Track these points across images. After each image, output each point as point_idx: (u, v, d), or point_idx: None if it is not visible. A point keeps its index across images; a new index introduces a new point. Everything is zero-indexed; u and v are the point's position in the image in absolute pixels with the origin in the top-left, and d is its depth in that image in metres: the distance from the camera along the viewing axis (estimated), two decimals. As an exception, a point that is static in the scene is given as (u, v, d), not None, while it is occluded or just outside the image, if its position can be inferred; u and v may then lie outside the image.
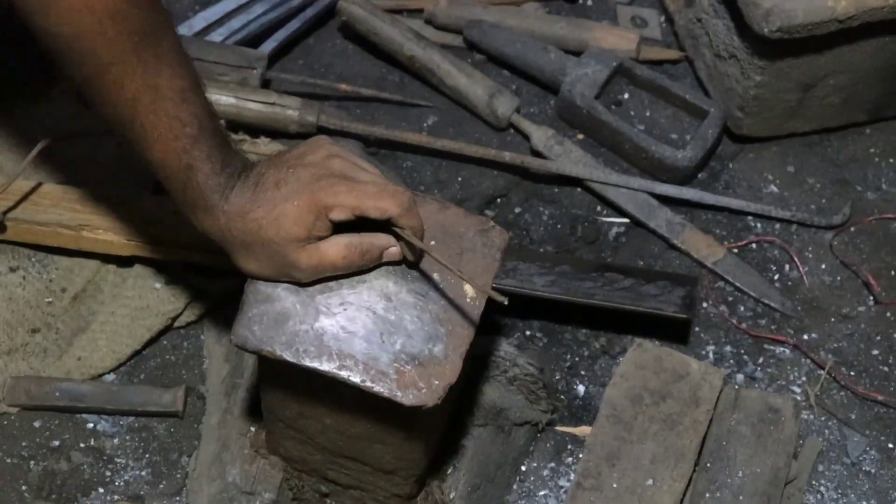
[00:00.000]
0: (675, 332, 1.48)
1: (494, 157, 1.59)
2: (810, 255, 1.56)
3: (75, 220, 1.37)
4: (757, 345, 1.48)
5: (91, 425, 1.36)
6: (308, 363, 1.03)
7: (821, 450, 1.40)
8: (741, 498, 1.26)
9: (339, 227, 1.03)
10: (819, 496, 1.37)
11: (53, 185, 1.41)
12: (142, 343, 1.40)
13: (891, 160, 1.65)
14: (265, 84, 1.62)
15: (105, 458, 1.34)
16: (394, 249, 1.05)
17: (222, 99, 1.53)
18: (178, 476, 1.34)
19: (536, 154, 1.61)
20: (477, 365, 1.31)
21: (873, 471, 1.39)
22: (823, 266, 1.55)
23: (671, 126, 1.64)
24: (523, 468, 1.37)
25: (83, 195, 1.40)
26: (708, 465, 1.28)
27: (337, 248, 1.03)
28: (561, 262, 1.45)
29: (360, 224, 1.03)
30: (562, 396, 1.43)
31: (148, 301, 1.41)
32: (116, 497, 1.32)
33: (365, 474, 1.21)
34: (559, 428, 1.40)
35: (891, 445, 1.41)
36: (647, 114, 1.65)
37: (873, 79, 1.58)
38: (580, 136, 1.66)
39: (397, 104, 1.68)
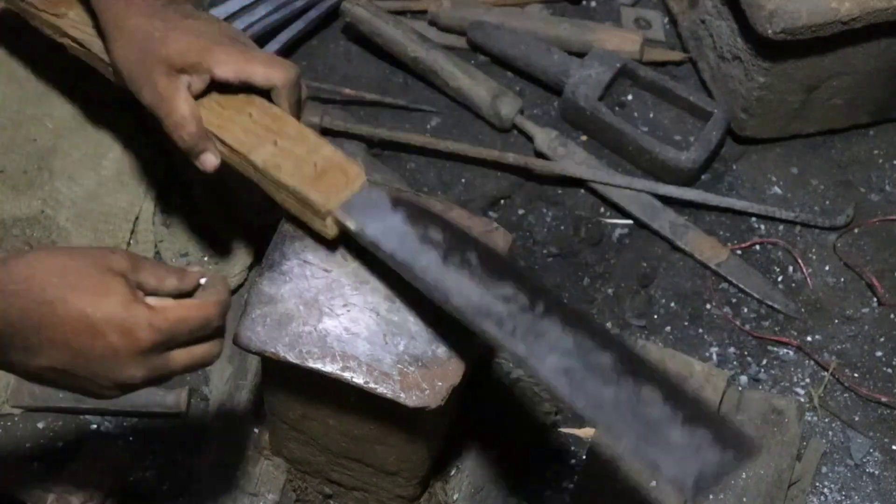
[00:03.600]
0: (678, 333, 1.48)
1: (498, 158, 1.59)
2: (814, 257, 1.56)
3: None
4: (760, 346, 1.48)
5: (95, 426, 1.37)
6: (311, 364, 1.03)
7: (824, 451, 1.39)
8: (744, 500, 1.26)
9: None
10: (823, 498, 1.37)
11: None
12: (145, 344, 1.40)
13: (895, 161, 1.65)
14: (269, 86, 1.62)
15: (108, 459, 1.34)
16: (211, 159, 1.11)
17: (226, 100, 1.53)
18: (182, 477, 1.34)
19: (540, 155, 1.61)
20: (480, 366, 1.31)
21: (877, 472, 1.39)
22: (827, 267, 1.55)
23: (675, 127, 1.64)
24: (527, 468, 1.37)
25: None
26: (711, 466, 1.28)
27: (187, 107, 1.09)
28: (583, 323, 0.98)
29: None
30: (565, 398, 1.43)
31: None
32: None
33: (368, 475, 1.21)
34: (563, 429, 1.40)
35: (895, 447, 1.41)
36: (651, 115, 1.65)
37: (877, 80, 1.58)
38: (584, 138, 1.66)
39: (401, 109, 1.68)
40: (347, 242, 1.06)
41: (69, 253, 0.90)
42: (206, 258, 1.45)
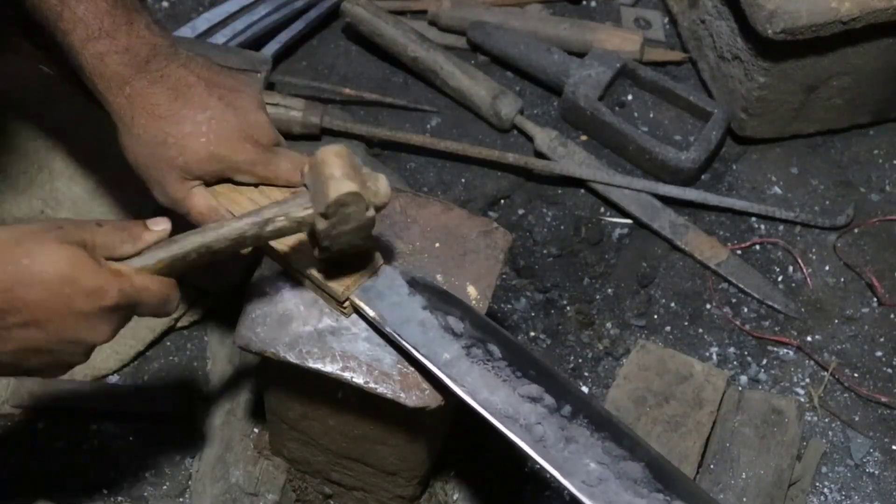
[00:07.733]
0: (678, 333, 1.48)
1: (498, 158, 1.59)
2: (814, 257, 1.56)
3: None
4: (760, 346, 1.48)
5: (95, 427, 1.36)
6: (311, 364, 1.03)
7: (824, 451, 1.39)
8: (745, 499, 1.26)
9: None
10: (822, 498, 1.37)
11: None
12: (145, 344, 1.40)
13: (894, 161, 1.65)
14: (269, 87, 1.62)
15: (108, 459, 1.34)
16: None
17: (226, 100, 1.53)
18: (182, 477, 1.34)
19: (540, 155, 1.61)
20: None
21: (877, 472, 1.39)
22: (827, 267, 1.55)
23: (675, 127, 1.64)
24: (527, 469, 1.37)
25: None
26: (711, 466, 1.28)
27: (204, 202, 1.04)
28: (610, 426, 0.99)
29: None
30: (565, 398, 1.43)
31: (151, 302, 1.41)
32: (120, 498, 1.32)
33: (368, 476, 1.21)
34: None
35: (894, 447, 1.41)
36: (651, 115, 1.65)
37: (877, 80, 1.58)
38: (584, 138, 1.66)
39: (401, 109, 1.68)
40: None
41: (20, 230, 0.89)
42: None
